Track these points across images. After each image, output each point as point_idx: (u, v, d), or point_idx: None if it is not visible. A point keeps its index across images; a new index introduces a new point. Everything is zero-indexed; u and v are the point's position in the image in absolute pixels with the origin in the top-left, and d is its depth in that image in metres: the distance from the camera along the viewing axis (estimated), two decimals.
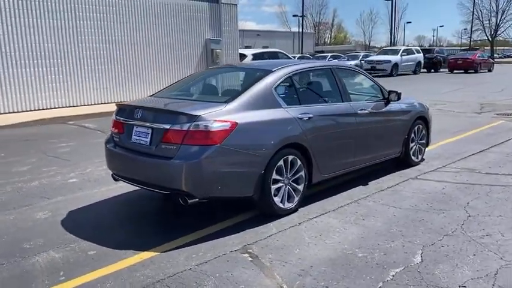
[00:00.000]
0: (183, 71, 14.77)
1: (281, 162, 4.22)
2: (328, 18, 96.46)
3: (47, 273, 3.26)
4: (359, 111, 5.11)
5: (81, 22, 12.42)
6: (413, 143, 6.20)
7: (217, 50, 15.49)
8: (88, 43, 12.66)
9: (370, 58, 28.99)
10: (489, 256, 3.43)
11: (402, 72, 28.04)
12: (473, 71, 29.75)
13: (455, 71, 30.40)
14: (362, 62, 29.42)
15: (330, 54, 34.70)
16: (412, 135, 6.12)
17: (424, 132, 6.36)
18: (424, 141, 6.41)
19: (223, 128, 3.79)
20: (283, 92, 4.54)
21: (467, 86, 20.44)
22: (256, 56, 18.44)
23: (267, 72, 4.54)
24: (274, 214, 4.27)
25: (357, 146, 5.13)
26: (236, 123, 3.88)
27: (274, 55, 19.67)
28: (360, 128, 5.11)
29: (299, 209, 4.52)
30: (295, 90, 4.66)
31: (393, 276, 3.16)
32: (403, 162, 6.16)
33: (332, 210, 4.54)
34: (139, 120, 4.12)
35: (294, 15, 58.33)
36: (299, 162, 4.41)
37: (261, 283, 3.11)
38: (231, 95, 4.23)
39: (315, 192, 5.02)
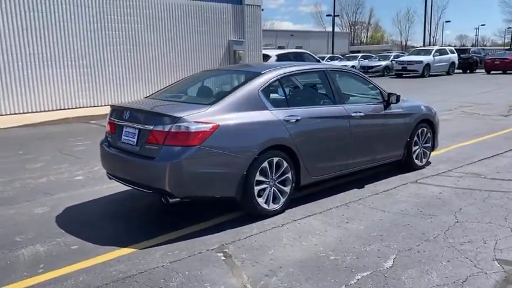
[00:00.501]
0: None
1: (265, 164, 4.27)
2: (365, 17, 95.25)
3: (28, 266, 3.45)
4: (353, 114, 5.08)
5: (107, 25, 12.83)
6: (417, 147, 6.09)
7: (240, 51, 15.63)
8: (114, 45, 13.06)
9: (401, 58, 28.39)
10: (463, 263, 3.37)
11: (435, 73, 27.33)
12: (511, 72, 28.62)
13: (492, 72, 29.30)
14: (393, 62, 28.86)
15: (360, 55, 34.25)
16: (416, 138, 6.02)
17: (429, 135, 6.24)
18: (429, 145, 6.28)
19: (203, 130, 3.88)
20: (272, 94, 4.58)
21: (501, 87, 19.70)
22: (280, 57, 18.46)
23: (256, 74, 4.60)
24: (258, 215, 4.32)
25: (352, 148, 5.10)
26: (217, 125, 3.96)
27: (299, 56, 19.62)
28: (354, 131, 5.08)
29: (286, 210, 4.56)
30: (284, 92, 4.70)
31: (358, 280, 3.16)
32: (405, 165, 6.06)
33: (319, 212, 4.55)
34: (128, 121, 4.27)
35: (327, 15, 57.75)
36: (285, 164, 4.44)
37: (226, 282, 3.18)
38: (217, 97, 4.32)
39: (307, 194, 5.04)
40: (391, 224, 4.19)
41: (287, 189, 4.51)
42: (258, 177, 4.23)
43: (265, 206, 4.34)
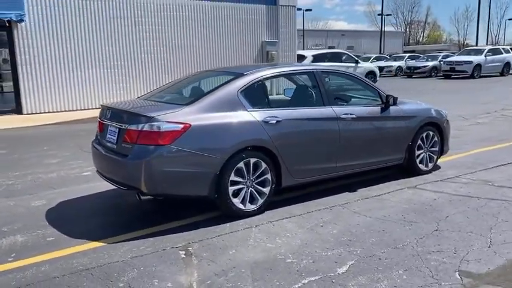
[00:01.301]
0: None
1: (241, 165, 4.29)
2: (421, 16, 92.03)
3: (1, 254, 3.68)
4: (343, 116, 4.98)
5: (141, 27, 13.32)
6: (421, 151, 5.86)
7: (273, 52, 15.65)
8: (146, 46, 13.53)
9: (449, 59, 27.17)
10: (421, 273, 3.23)
11: (487, 74, 25.94)
12: None
13: None
14: (441, 62, 27.69)
15: (407, 55, 33.17)
16: (419, 142, 5.79)
17: (436, 139, 5.98)
18: (436, 149, 6.02)
19: (174, 129, 3.97)
20: (253, 96, 4.58)
21: None
22: (316, 57, 18.33)
23: (238, 75, 4.63)
24: (234, 215, 4.35)
25: (341, 151, 5.00)
26: (189, 125, 4.03)
27: (336, 55, 19.44)
28: (344, 133, 4.98)
29: (266, 211, 4.55)
30: (266, 93, 4.69)
31: (303, 284, 3.12)
32: (408, 170, 5.86)
33: (298, 214, 4.51)
34: (110, 120, 4.45)
35: (378, 14, 56.23)
36: (264, 165, 4.43)
37: (175, 279, 3.24)
38: (195, 98, 4.39)
39: (295, 196, 5.02)
40: (366, 230, 4.08)
41: (266, 190, 4.50)
42: (233, 177, 4.26)
43: (241, 206, 4.36)
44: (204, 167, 4.10)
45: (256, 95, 4.63)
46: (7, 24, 10.75)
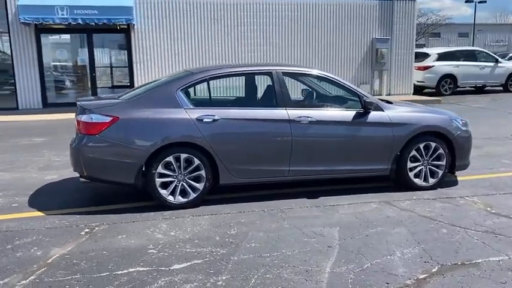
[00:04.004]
0: (343, 71, 14.78)
1: (170, 159, 4.55)
2: None
3: None
4: (297, 118, 4.78)
5: (242, 28, 14.04)
6: (418, 163, 5.20)
7: (383, 50, 14.80)
8: (250, 46, 14.20)
9: None
10: (243, 282, 3.10)
11: None
12: None
13: None
14: None
15: None
16: (414, 153, 5.15)
17: (441, 151, 5.21)
18: (441, 163, 5.24)
19: (102, 121, 4.45)
20: (194, 94, 4.76)
21: None
22: (442, 56, 16.67)
23: (188, 74, 4.87)
24: (163, 206, 4.63)
25: (295, 155, 4.82)
26: (117, 118, 4.46)
27: (470, 54, 17.40)
28: (298, 137, 4.78)
29: (202, 206, 4.71)
30: (209, 93, 4.80)
31: (128, 271, 3.31)
32: (399, 183, 5.27)
33: (226, 213, 4.56)
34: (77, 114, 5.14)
35: None
36: (197, 162, 4.60)
37: (48, 250, 3.71)
38: (138, 94, 4.80)
39: (247, 196, 5.05)
40: (264, 235, 3.98)
41: (200, 186, 4.66)
42: (162, 170, 4.54)
43: (170, 198, 4.61)
44: (128, 158, 4.49)
45: (197, 93, 4.80)
46: (118, 28, 12.62)
